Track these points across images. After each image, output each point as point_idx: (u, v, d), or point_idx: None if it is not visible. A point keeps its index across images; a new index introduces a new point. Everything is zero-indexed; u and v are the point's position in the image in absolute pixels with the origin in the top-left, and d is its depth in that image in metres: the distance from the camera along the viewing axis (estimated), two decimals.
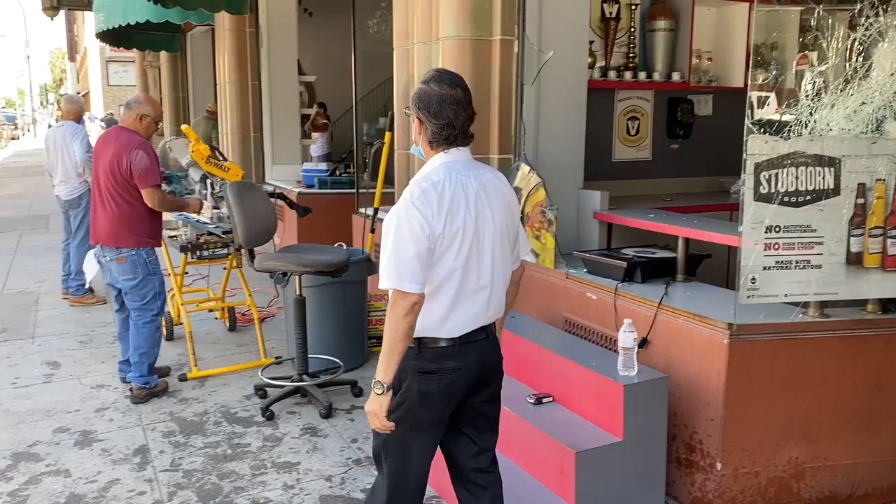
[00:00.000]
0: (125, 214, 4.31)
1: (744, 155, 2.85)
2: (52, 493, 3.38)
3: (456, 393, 2.31)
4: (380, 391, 2.18)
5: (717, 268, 3.97)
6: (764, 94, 2.90)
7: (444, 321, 2.25)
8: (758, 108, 2.89)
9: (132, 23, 9.46)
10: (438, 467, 2.56)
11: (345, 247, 4.88)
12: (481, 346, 2.33)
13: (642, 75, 4.98)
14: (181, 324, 5.33)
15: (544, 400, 3.25)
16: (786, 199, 2.89)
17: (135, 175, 4.25)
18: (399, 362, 2.18)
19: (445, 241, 2.18)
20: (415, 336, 2.21)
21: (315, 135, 9.39)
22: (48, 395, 4.54)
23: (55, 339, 5.67)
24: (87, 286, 6.51)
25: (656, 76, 5.03)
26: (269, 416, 4.16)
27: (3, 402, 4.45)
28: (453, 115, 2.22)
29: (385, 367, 2.16)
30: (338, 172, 8.27)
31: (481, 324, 2.31)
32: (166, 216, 5.28)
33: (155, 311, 4.48)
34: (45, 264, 8.10)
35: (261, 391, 4.47)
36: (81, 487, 3.43)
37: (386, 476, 2.38)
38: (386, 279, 2.15)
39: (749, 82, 2.90)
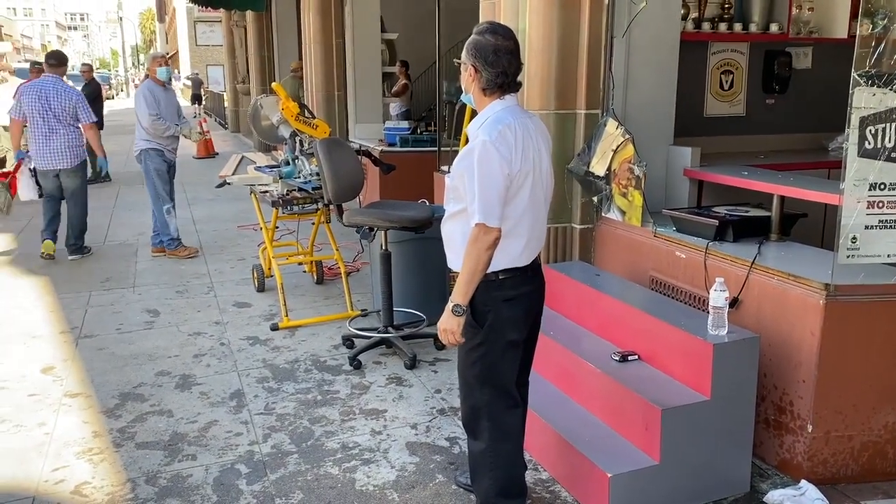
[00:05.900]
0: None
1: (848, 109, 2.72)
2: (157, 431, 3.60)
3: (531, 314, 2.61)
4: (459, 313, 2.40)
5: (812, 227, 3.84)
6: (871, 45, 2.74)
7: (522, 252, 2.49)
8: (865, 59, 2.73)
9: None
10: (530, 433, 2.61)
11: (427, 203, 4.93)
12: (539, 269, 2.64)
13: (738, 27, 4.77)
14: (272, 276, 5.54)
15: (629, 357, 3.23)
16: (893, 154, 2.76)
17: None
18: (475, 290, 2.39)
19: (521, 178, 2.40)
20: (496, 270, 2.43)
21: None
22: (149, 341, 4.81)
23: (154, 288, 5.98)
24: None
25: (753, 28, 4.81)
26: (357, 365, 4.30)
27: (110, 346, 4.74)
28: (507, 63, 2.42)
29: (465, 293, 2.39)
30: (419, 131, 8.30)
31: (540, 250, 2.61)
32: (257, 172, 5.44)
33: None
34: (142, 218, 8.47)
35: (348, 341, 4.62)
36: (183, 427, 3.65)
37: (490, 402, 2.59)
38: (476, 216, 2.32)
39: (858, 32, 2.74)
